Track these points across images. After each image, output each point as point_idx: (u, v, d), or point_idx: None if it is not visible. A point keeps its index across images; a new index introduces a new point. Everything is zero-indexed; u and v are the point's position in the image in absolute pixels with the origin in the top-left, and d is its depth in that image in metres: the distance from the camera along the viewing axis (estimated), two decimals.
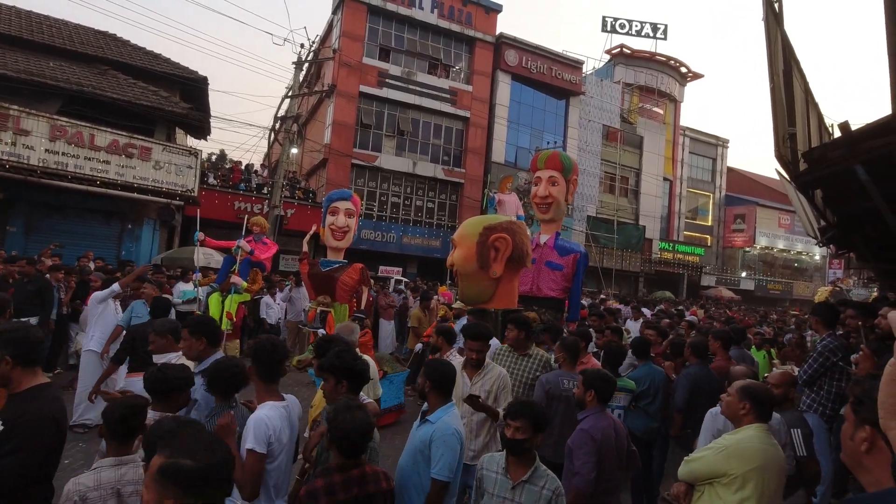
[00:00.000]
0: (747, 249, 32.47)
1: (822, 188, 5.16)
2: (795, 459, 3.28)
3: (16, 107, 10.77)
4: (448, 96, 21.43)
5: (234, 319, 7.33)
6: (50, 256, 8.41)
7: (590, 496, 2.82)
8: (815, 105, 5.49)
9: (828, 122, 6.20)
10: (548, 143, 23.10)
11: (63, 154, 11.25)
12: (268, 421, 2.42)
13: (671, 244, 28.92)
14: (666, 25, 28.19)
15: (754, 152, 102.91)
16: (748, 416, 2.53)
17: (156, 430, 1.83)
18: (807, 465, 3.29)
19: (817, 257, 34.37)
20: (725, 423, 3.02)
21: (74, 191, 11.44)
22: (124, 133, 11.99)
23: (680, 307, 14.14)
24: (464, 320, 6.83)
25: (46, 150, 11.05)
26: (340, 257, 7.00)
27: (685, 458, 2.64)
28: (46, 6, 16.13)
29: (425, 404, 2.79)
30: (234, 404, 2.74)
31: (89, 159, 11.53)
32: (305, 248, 7.09)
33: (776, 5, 4.26)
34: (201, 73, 14.54)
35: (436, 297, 9.89)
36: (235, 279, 7.16)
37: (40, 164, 10.95)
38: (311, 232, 7.18)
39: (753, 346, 6.66)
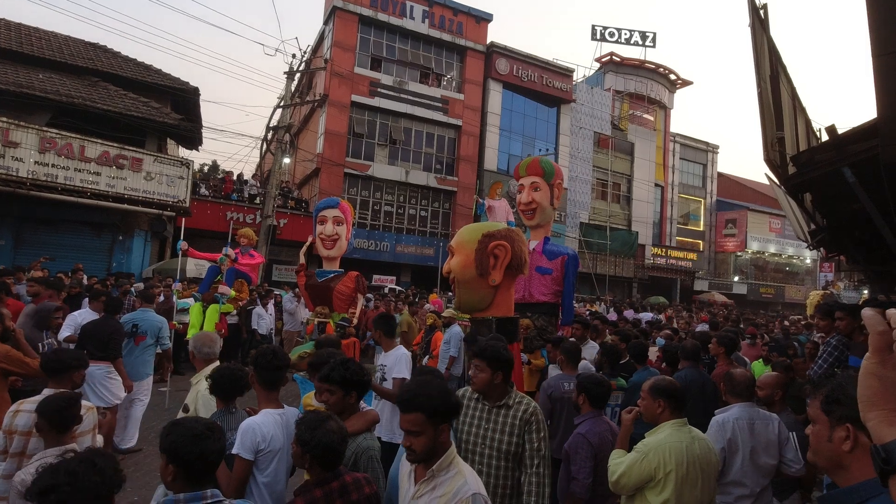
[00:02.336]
0: (739, 254, 32.68)
1: (811, 191, 5.22)
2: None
3: (4, 119, 10.69)
4: (440, 105, 21.52)
5: (225, 331, 7.21)
6: (39, 269, 8.33)
7: (588, 500, 2.87)
8: (803, 109, 5.56)
9: (815, 126, 6.27)
10: (539, 150, 23.23)
11: (53, 166, 11.15)
12: (257, 427, 2.43)
13: (664, 249, 29.07)
14: (655, 34, 28.57)
15: (744, 158, 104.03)
16: (664, 413, 2.53)
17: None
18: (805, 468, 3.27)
19: (808, 261, 34.63)
20: (735, 430, 2.96)
21: (64, 203, 11.34)
22: (115, 144, 11.93)
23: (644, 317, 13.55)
24: (455, 328, 6.80)
25: (36, 163, 10.96)
26: (335, 266, 6.93)
27: (611, 470, 2.56)
28: (36, 18, 16.09)
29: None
30: (234, 410, 2.76)
31: (79, 171, 11.45)
32: (302, 259, 6.98)
33: (762, 12, 4.32)
34: (192, 83, 14.54)
35: (427, 305, 9.89)
36: (223, 289, 7.05)
37: (30, 177, 10.85)
38: (307, 243, 7.10)
39: (760, 360, 6.18)
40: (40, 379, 3.32)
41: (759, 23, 4.25)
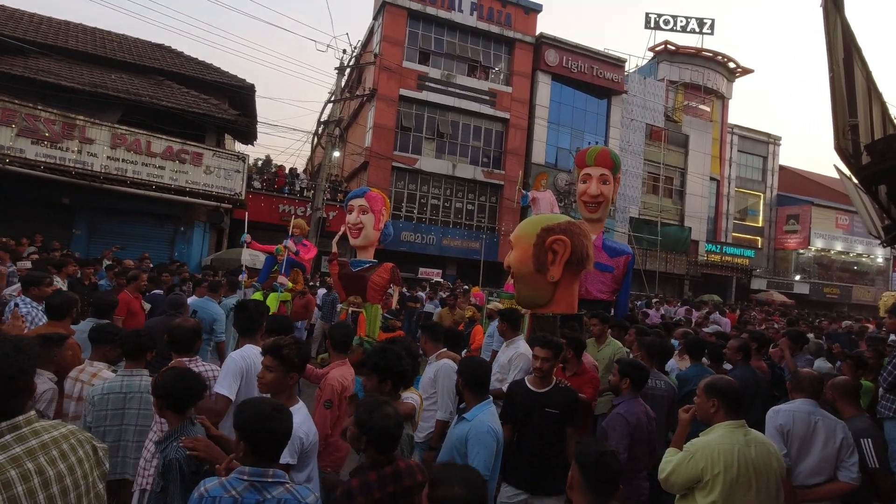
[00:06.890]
0: (801, 251, 30.91)
1: (887, 183, 4.88)
2: (867, 472, 3.08)
3: (81, 117, 11.48)
4: (487, 98, 21.42)
5: None
6: (111, 259, 8.93)
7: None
8: (879, 95, 5.19)
9: (893, 112, 5.85)
10: (588, 143, 22.69)
11: (123, 161, 11.91)
12: (298, 429, 2.33)
13: (718, 246, 27.87)
14: (713, 20, 27.25)
15: (809, 150, 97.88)
16: (718, 413, 2.46)
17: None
18: (881, 477, 3.07)
19: (880, 260, 32.34)
20: (790, 420, 2.92)
21: (132, 195, 12.08)
22: (178, 140, 12.58)
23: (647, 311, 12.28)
24: (497, 323, 6.73)
25: (108, 157, 11.73)
26: (369, 257, 6.87)
27: (661, 467, 2.52)
28: (108, 22, 17.10)
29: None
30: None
31: (146, 165, 12.17)
32: (335, 248, 7.06)
33: None
34: (248, 80, 15.08)
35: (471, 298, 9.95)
36: (282, 279, 7.32)
37: (103, 171, 11.63)
38: (340, 233, 7.19)
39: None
40: None
41: (833, 1, 4.00)
